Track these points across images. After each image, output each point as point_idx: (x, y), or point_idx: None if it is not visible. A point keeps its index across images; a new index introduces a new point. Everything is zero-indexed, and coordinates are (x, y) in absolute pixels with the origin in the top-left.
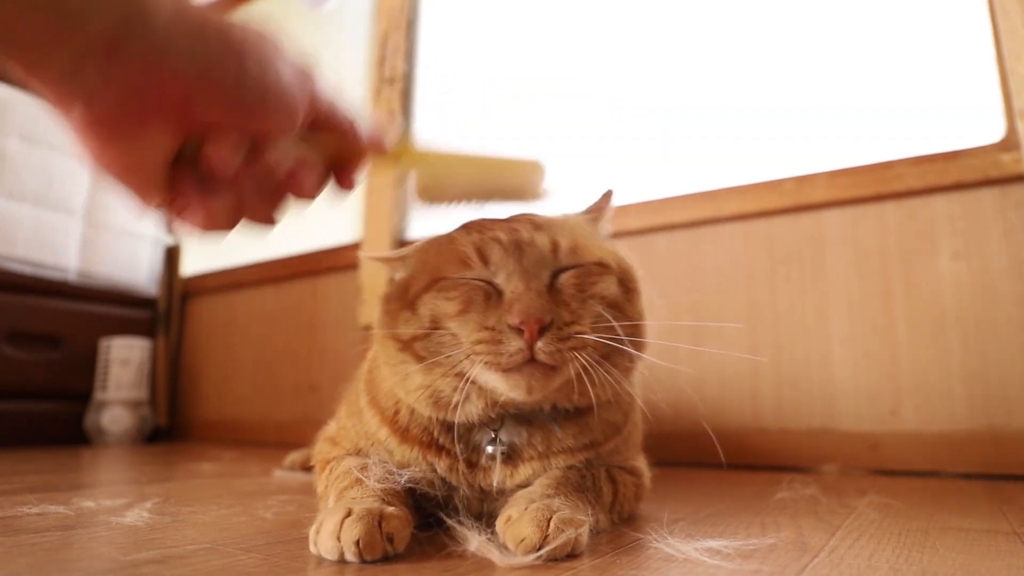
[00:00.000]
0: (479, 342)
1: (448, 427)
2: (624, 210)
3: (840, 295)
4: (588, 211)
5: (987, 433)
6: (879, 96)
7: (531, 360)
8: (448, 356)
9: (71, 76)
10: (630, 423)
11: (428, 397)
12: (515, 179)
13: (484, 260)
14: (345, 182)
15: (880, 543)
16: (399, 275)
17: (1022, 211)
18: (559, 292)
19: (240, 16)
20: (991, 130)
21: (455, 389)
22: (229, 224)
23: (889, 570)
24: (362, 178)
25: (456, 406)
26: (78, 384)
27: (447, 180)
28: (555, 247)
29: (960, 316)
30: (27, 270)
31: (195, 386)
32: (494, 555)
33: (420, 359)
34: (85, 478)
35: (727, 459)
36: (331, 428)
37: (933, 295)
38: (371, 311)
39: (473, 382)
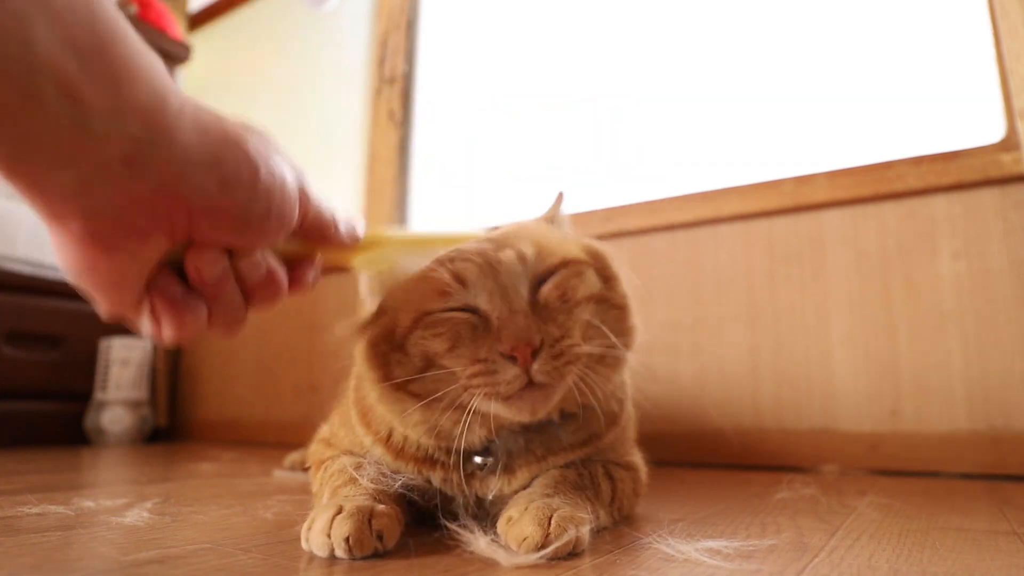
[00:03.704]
0: (474, 375)
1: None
2: (624, 210)
3: (840, 295)
4: (543, 216)
5: (987, 433)
6: (879, 96)
7: (529, 383)
8: (446, 392)
9: (77, 193)
10: (625, 413)
11: (428, 431)
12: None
13: (462, 283)
14: (301, 283)
15: (880, 543)
16: (379, 315)
17: (1022, 211)
18: (544, 308)
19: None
20: (991, 130)
21: (456, 423)
22: (198, 332)
23: (889, 570)
24: (316, 279)
25: (459, 436)
26: (78, 384)
27: (397, 268)
28: (521, 257)
29: (960, 316)
30: (27, 270)
31: (195, 386)
32: (500, 555)
33: (416, 397)
34: (85, 478)
35: (727, 459)
36: (325, 430)
37: (933, 295)
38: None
39: (474, 412)
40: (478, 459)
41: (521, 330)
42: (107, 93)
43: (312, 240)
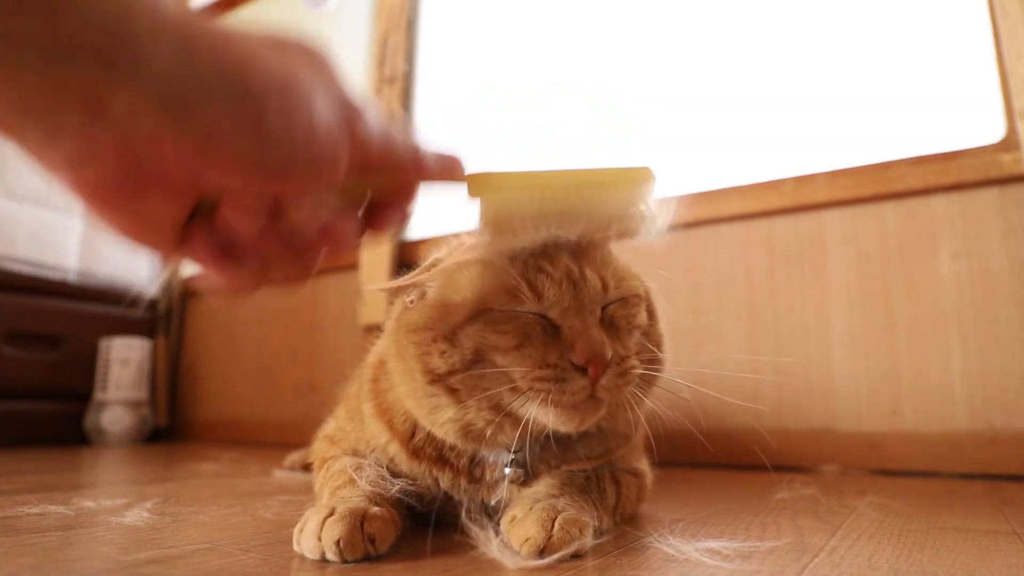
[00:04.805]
0: (540, 379)
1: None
2: None
3: (840, 295)
4: None
5: (987, 433)
6: (879, 96)
7: (590, 396)
8: (488, 390)
9: (48, 142)
10: (638, 432)
11: (459, 430)
12: (610, 195)
13: (537, 294)
14: (385, 222)
15: (880, 543)
16: (427, 296)
17: (1022, 211)
18: (611, 325)
19: (277, 26)
20: (991, 130)
21: (488, 422)
22: (255, 285)
23: (889, 570)
24: (411, 215)
25: (489, 437)
26: (78, 384)
27: (523, 205)
28: (605, 285)
29: (960, 316)
30: (27, 270)
31: (195, 386)
32: (507, 558)
33: (453, 392)
34: (85, 478)
35: (727, 459)
36: (330, 427)
37: (933, 295)
38: (371, 313)
39: (508, 414)
40: (508, 471)
41: (597, 344)
42: (35, 17)
43: (394, 176)
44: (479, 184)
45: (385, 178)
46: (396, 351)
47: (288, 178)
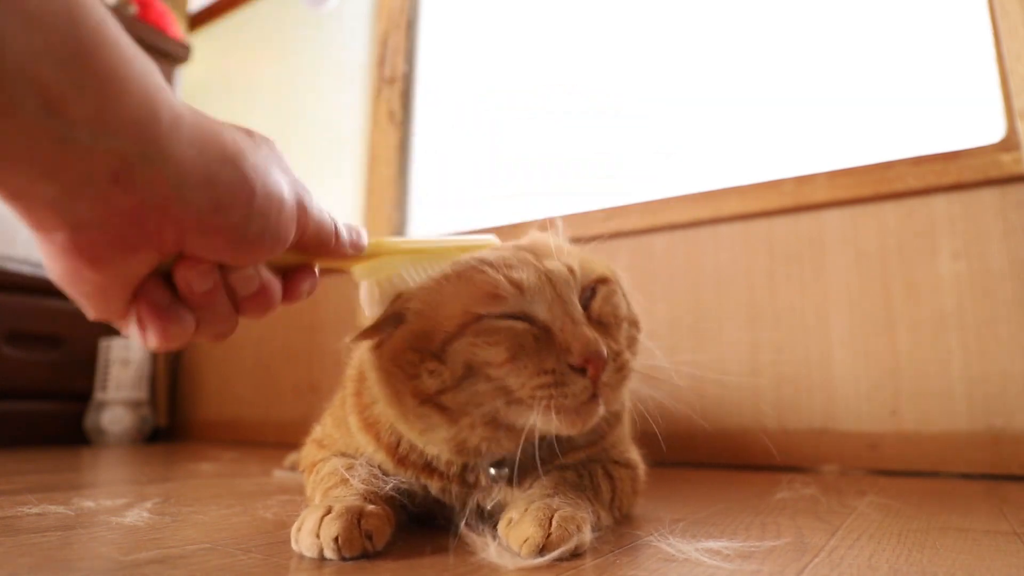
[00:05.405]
0: (540, 387)
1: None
2: (624, 210)
3: (840, 295)
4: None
5: (987, 433)
6: (879, 96)
7: (592, 396)
8: (482, 406)
9: (60, 206)
10: (626, 411)
11: (454, 447)
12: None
13: (519, 288)
14: (299, 289)
15: (880, 543)
16: (407, 320)
17: (1022, 211)
18: (599, 322)
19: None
20: (991, 130)
21: (484, 438)
22: (184, 340)
23: (889, 570)
24: (313, 289)
25: (485, 451)
26: (78, 384)
27: (398, 278)
28: (570, 270)
29: (960, 316)
30: (27, 270)
31: (195, 386)
32: (506, 559)
33: (445, 411)
34: (85, 478)
35: (727, 459)
36: (317, 431)
37: (933, 295)
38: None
39: (505, 427)
40: (492, 471)
41: (592, 343)
42: (92, 104)
43: (311, 251)
44: (373, 248)
45: (311, 250)
46: (381, 378)
47: (256, 248)
